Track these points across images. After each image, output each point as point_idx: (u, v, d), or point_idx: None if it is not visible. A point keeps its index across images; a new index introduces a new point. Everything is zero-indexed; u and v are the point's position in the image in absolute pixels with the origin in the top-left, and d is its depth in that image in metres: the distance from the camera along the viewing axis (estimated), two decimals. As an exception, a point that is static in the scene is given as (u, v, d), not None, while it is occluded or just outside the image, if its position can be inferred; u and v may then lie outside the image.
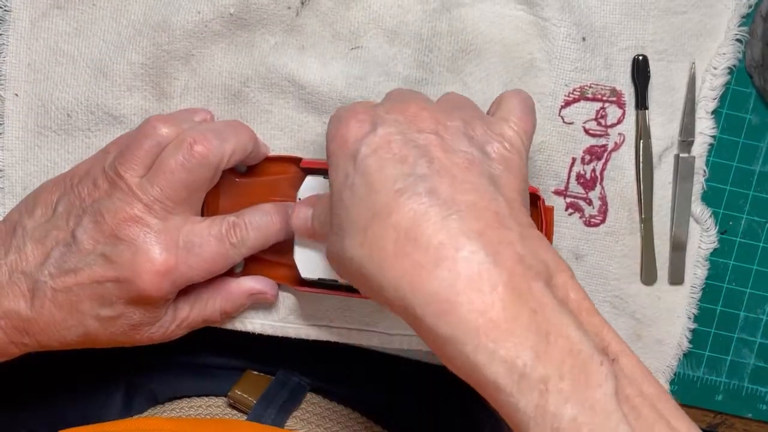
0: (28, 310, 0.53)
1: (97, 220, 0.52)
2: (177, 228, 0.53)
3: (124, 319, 0.54)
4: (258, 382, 0.63)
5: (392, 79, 0.59)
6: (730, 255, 0.64)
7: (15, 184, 0.61)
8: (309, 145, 0.61)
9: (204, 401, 0.63)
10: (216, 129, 0.55)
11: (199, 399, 0.64)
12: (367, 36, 0.59)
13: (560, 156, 0.61)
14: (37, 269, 0.53)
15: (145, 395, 0.65)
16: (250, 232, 0.55)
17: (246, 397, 0.62)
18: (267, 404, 0.61)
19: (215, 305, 0.58)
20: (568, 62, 0.60)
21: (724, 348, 0.65)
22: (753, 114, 0.62)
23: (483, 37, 0.59)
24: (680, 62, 0.61)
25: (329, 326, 0.62)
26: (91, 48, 0.60)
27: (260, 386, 0.63)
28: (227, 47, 0.60)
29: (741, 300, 0.64)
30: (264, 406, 0.61)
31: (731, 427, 0.66)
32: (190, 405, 0.63)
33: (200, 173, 0.53)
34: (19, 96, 0.61)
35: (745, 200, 0.63)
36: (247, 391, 0.62)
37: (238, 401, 0.62)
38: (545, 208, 0.55)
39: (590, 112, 0.61)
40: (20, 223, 0.55)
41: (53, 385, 0.68)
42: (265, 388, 0.62)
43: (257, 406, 0.61)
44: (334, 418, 0.63)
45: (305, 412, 0.63)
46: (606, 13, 0.59)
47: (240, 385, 0.63)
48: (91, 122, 0.60)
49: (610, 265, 0.62)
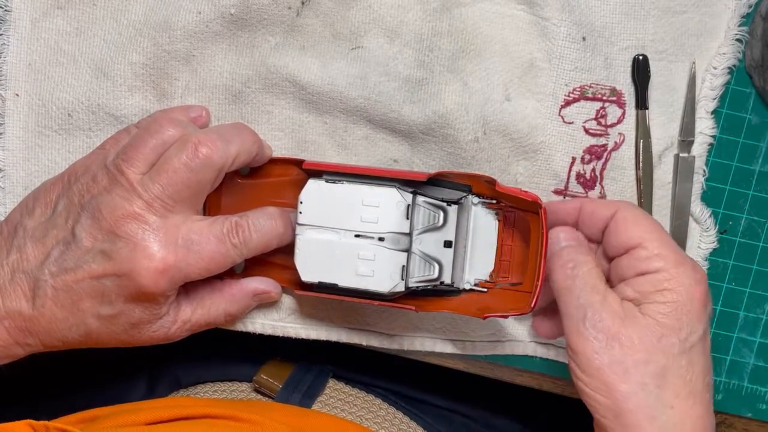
0: (30, 310, 0.53)
1: (96, 216, 0.53)
2: (177, 226, 0.53)
3: (124, 317, 0.54)
4: (282, 368, 0.65)
5: (393, 79, 0.59)
6: (729, 255, 0.64)
7: (16, 184, 0.61)
8: (309, 146, 0.61)
9: (228, 386, 0.65)
10: (221, 131, 0.55)
11: (223, 384, 0.65)
12: (367, 36, 0.59)
13: (560, 155, 0.61)
14: (38, 268, 0.53)
15: (168, 381, 0.67)
16: (253, 234, 0.55)
17: (272, 382, 0.63)
18: (292, 389, 0.62)
19: (219, 308, 0.58)
20: (568, 62, 0.60)
21: (723, 348, 0.65)
22: (753, 114, 0.62)
23: (483, 37, 0.59)
24: (680, 62, 0.61)
25: (329, 326, 0.63)
26: (91, 48, 0.60)
27: (284, 372, 0.64)
28: (228, 48, 0.60)
29: (741, 300, 0.64)
30: (290, 391, 0.62)
31: (731, 426, 0.66)
32: (214, 389, 0.64)
33: (203, 174, 0.53)
34: (19, 96, 0.61)
35: (744, 200, 0.63)
36: (272, 377, 0.64)
37: (264, 386, 0.63)
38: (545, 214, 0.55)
39: (590, 111, 0.61)
40: (21, 223, 0.55)
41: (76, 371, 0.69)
42: (289, 374, 0.63)
43: (282, 391, 0.62)
44: (358, 404, 0.64)
45: (329, 398, 0.64)
46: (606, 13, 0.60)
47: (265, 371, 0.64)
48: (92, 122, 0.60)
49: (611, 264, 0.62)
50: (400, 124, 0.60)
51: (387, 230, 0.55)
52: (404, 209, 0.55)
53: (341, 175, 0.57)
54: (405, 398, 0.69)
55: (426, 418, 0.68)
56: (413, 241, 0.56)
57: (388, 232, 0.55)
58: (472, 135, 0.60)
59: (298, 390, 0.63)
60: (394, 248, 0.55)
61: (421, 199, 0.56)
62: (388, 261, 0.55)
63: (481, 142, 0.60)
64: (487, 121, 0.60)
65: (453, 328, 0.62)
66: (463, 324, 0.62)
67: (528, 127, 0.60)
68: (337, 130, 0.61)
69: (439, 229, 0.57)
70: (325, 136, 0.61)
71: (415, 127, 0.60)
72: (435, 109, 0.59)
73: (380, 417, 0.64)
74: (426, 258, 0.57)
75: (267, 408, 0.59)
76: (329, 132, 0.61)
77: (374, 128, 0.61)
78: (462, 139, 0.60)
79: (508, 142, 0.60)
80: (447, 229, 0.57)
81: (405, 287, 0.56)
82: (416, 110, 0.60)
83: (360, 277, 0.56)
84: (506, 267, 0.58)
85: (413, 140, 0.61)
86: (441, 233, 0.57)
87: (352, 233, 0.56)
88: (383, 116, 0.60)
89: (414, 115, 0.60)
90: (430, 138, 0.60)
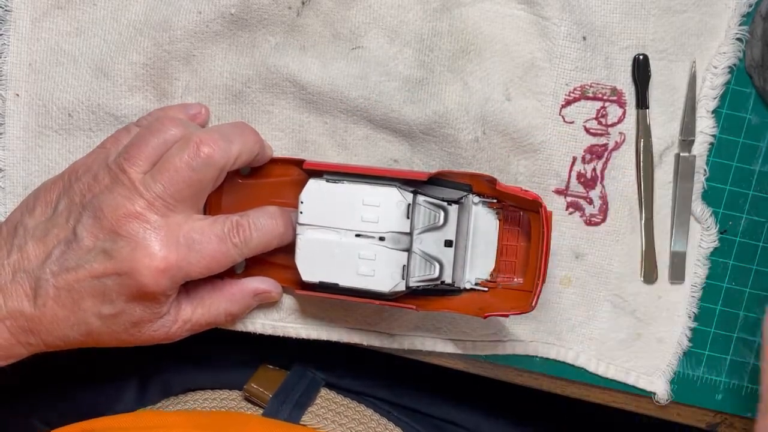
0: (31, 309, 0.53)
1: (97, 215, 0.53)
2: (178, 225, 0.53)
3: (125, 316, 0.54)
4: (273, 376, 0.64)
5: (393, 79, 0.59)
6: (729, 254, 0.64)
7: (16, 184, 0.61)
8: (310, 146, 0.61)
9: (219, 394, 0.64)
10: (222, 131, 0.55)
11: (213, 392, 0.64)
12: (367, 36, 0.59)
13: (561, 155, 0.61)
14: (39, 267, 0.53)
15: (159, 386, 0.66)
16: (253, 234, 0.56)
17: (262, 391, 0.63)
18: (283, 399, 0.62)
19: (219, 308, 0.58)
20: (568, 61, 0.60)
21: (723, 347, 0.65)
22: (753, 114, 0.62)
23: (483, 37, 0.59)
24: (681, 61, 0.61)
25: (330, 326, 0.63)
26: (92, 48, 0.60)
27: (275, 380, 0.64)
28: (228, 47, 0.60)
29: (741, 299, 0.64)
30: (280, 401, 0.62)
31: (731, 426, 0.66)
32: (205, 397, 0.64)
33: (205, 173, 0.53)
34: (20, 96, 0.61)
35: (744, 200, 0.63)
36: (262, 385, 0.63)
37: (254, 395, 0.63)
38: (546, 213, 0.55)
39: (591, 111, 0.61)
40: (21, 223, 0.55)
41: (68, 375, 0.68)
42: (280, 383, 0.63)
43: (273, 401, 0.62)
44: (349, 414, 0.64)
45: (320, 408, 0.63)
46: (606, 13, 0.60)
47: (255, 379, 0.64)
48: (93, 122, 0.60)
49: (611, 264, 0.62)
50: (401, 124, 0.60)
51: (387, 230, 0.55)
52: (405, 209, 0.55)
53: (342, 174, 0.57)
54: (397, 407, 0.68)
55: (417, 427, 0.68)
56: (414, 240, 0.56)
57: (388, 231, 0.55)
58: (472, 135, 0.60)
59: (289, 400, 0.62)
60: (394, 248, 0.55)
61: (421, 199, 0.56)
62: (388, 260, 0.55)
63: (481, 142, 0.60)
64: (487, 121, 0.60)
65: (453, 328, 0.62)
66: (464, 323, 0.62)
67: (528, 126, 0.60)
68: (337, 130, 0.61)
69: (439, 229, 0.57)
70: (325, 136, 0.61)
71: (416, 127, 0.60)
72: (435, 108, 0.59)
73: (371, 429, 0.64)
74: (426, 257, 0.57)
75: (249, 423, 0.58)
76: (329, 132, 0.61)
77: (374, 128, 0.61)
78: (462, 139, 0.60)
79: (509, 142, 0.60)
80: (447, 229, 0.58)
81: (406, 287, 0.56)
82: (416, 110, 0.60)
83: (361, 277, 0.56)
84: (507, 266, 0.58)
85: (413, 140, 0.61)
86: (441, 233, 0.57)
87: (352, 233, 0.56)
88: (383, 116, 0.60)
89: (414, 115, 0.60)
90: (431, 138, 0.60)
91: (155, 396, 0.66)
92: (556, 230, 0.61)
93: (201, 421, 0.55)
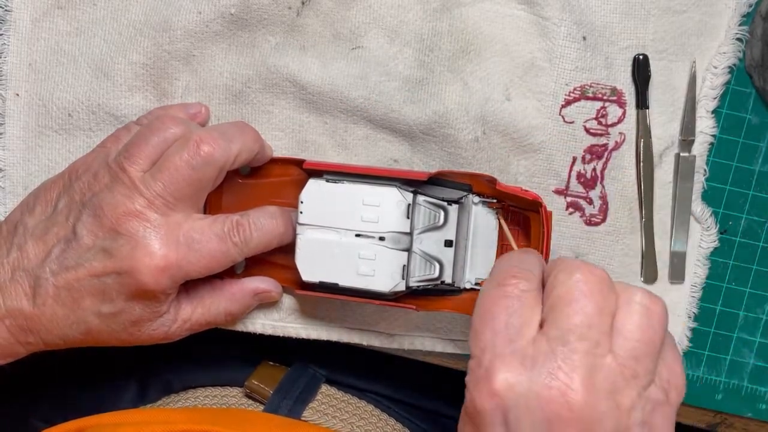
0: (30, 308, 0.53)
1: (97, 213, 0.53)
2: (178, 224, 0.53)
3: (125, 315, 0.54)
4: (274, 372, 0.64)
5: (393, 79, 0.59)
6: (729, 254, 0.64)
7: (16, 184, 0.61)
8: (310, 145, 0.61)
9: (220, 391, 0.64)
10: (222, 130, 0.55)
11: (214, 389, 0.64)
12: (367, 36, 0.59)
13: (561, 155, 0.61)
14: (39, 266, 0.53)
15: (160, 384, 0.66)
16: (253, 233, 0.56)
17: (263, 388, 0.63)
18: (283, 395, 0.62)
19: (219, 307, 0.58)
20: (568, 61, 0.60)
21: (723, 347, 0.65)
22: (753, 114, 0.62)
23: (483, 37, 0.60)
24: (681, 61, 0.61)
25: (330, 326, 0.63)
26: (92, 48, 0.60)
27: (276, 377, 0.64)
28: (228, 48, 0.60)
29: (741, 299, 0.64)
30: (280, 396, 0.62)
31: (731, 426, 0.66)
32: (206, 394, 0.64)
33: (205, 172, 0.53)
34: (20, 96, 0.61)
35: (744, 200, 0.63)
36: (263, 382, 0.63)
37: (255, 391, 0.63)
38: (546, 213, 0.55)
39: (591, 111, 0.61)
40: (21, 222, 0.55)
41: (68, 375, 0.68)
42: (281, 379, 0.63)
43: (274, 397, 0.62)
44: (349, 410, 0.64)
45: (320, 404, 0.63)
46: (606, 12, 0.60)
47: (256, 376, 0.64)
48: (93, 122, 0.60)
49: (611, 264, 0.62)
50: (401, 124, 0.60)
51: (388, 230, 0.55)
52: (405, 209, 0.55)
53: (342, 174, 0.57)
54: (398, 403, 0.68)
55: (419, 423, 0.68)
56: (414, 240, 0.56)
57: (388, 231, 0.55)
58: (472, 135, 0.60)
59: (290, 396, 0.62)
60: (394, 248, 0.55)
61: (421, 199, 0.56)
62: (388, 260, 0.55)
63: (481, 142, 0.60)
64: (487, 121, 0.60)
65: (454, 328, 0.62)
66: (464, 323, 0.62)
67: (528, 126, 0.60)
68: (337, 130, 0.61)
69: (439, 229, 0.57)
70: (325, 136, 0.61)
71: (416, 127, 0.60)
72: (435, 108, 0.59)
73: (371, 424, 0.64)
74: (427, 257, 0.57)
75: (250, 419, 0.58)
76: (329, 132, 0.61)
77: (374, 128, 0.61)
78: (462, 139, 0.60)
79: (509, 142, 0.60)
80: (447, 229, 0.58)
81: (406, 287, 0.56)
82: (416, 110, 0.60)
83: (361, 277, 0.56)
84: None
85: (413, 140, 0.61)
86: (441, 232, 0.57)
87: (352, 233, 0.56)
88: (383, 116, 0.60)
89: (414, 115, 0.60)
90: (431, 138, 0.60)
91: (155, 395, 0.66)
92: (556, 230, 0.61)
93: (201, 417, 0.55)
